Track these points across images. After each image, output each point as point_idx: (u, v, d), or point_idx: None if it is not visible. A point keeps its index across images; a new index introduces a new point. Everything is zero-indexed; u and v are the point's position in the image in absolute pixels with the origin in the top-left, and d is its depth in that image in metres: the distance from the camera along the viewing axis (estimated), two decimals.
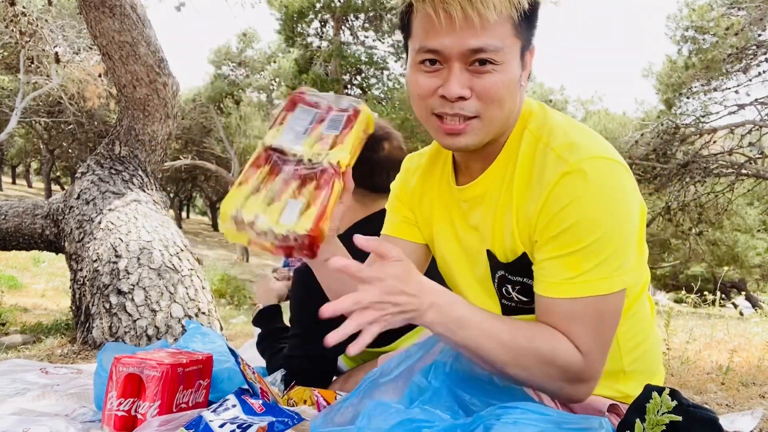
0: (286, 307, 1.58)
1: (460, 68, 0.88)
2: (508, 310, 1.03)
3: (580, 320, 0.88)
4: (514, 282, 1.00)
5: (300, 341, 1.38)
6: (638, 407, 0.79)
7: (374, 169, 1.43)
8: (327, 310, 0.82)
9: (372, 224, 1.41)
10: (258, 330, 1.64)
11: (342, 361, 1.62)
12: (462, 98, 0.88)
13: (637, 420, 0.73)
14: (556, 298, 0.89)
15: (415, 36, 0.91)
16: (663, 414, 0.70)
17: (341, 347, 1.41)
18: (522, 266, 0.97)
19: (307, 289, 1.38)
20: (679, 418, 0.71)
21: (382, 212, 1.37)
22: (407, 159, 1.25)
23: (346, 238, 1.44)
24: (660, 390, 0.78)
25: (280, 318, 1.62)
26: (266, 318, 1.60)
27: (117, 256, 3.14)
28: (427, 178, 1.16)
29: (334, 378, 1.53)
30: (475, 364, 0.91)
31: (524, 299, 1.00)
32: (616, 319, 0.91)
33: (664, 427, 0.70)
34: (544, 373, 0.87)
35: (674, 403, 0.71)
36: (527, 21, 0.90)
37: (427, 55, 0.89)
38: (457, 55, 0.87)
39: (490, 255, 1.01)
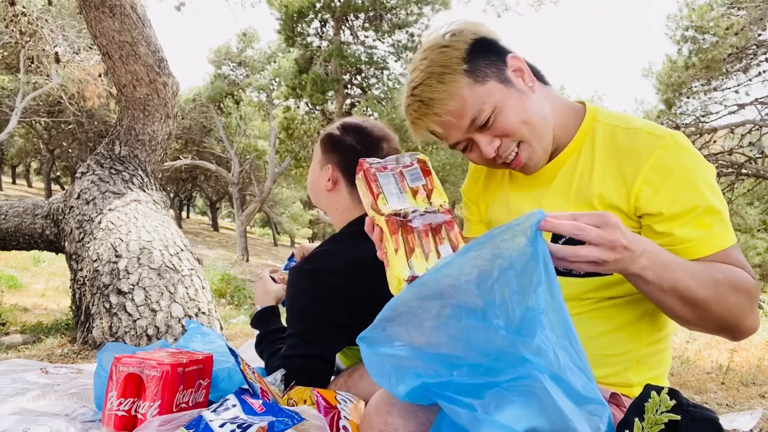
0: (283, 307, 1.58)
1: (478, 135, 1.04)
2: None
3: (736, 256, 0.95)
4: None
5: (296, 341, 1.38)
6: (638, 407, 0.79)
7: None
8: (548, 224, 0.80)
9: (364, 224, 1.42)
10: (257, 331, 1.64)
11: (339, 361, 1.62)
12: (497, 150, 1.04)
13: (636, 419, 0.73)
14: (707, 255, 0.95)
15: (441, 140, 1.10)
16: (662, 413, 0.70)
17: (338, 346, 1.42)
18: None
19: (299, 290, 1.38)
20: (678, 417, 0.71)
21: None
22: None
23: (345, 234, 1.45)
24: (659, 390, 0.78)
25: (277, 319, 1.62)
26: (264, 319, 1.61)
27: (117, 256, 3.14)
28: (492, 174, 1.26)
29: (334, 378, 1.53)
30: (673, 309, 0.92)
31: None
32: None
33: (662, 427, 0.70)
34: (739, 303, 0.91)
35: (673, 402, 0.71)
36: (481, 60, 1.02)
37: (456, 147, 1.09)
38: (465, 135, 1.04)
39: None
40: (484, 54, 1.03)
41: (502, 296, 0.73)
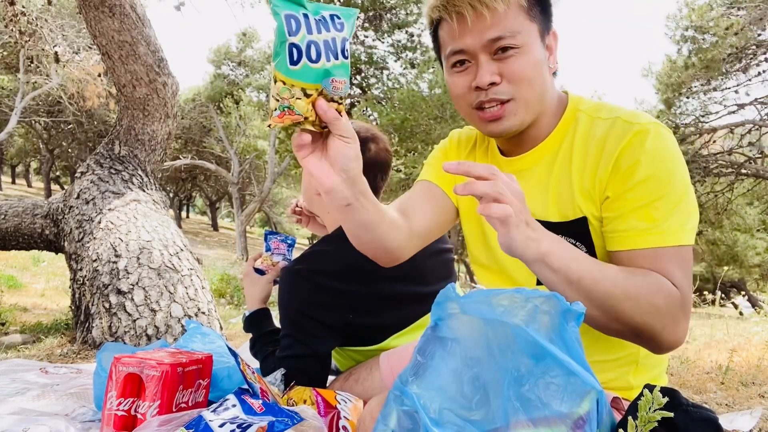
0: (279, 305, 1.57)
1: (486, 59, 0.97)
2: None
3: (667, 262, 0.90)
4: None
5: (290, 342, 1.38)
6: (637, 407, 0.79)
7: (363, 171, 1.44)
8: (450, 167, 0.82)
9: None
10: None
11: (335, 362, 1.62)
12: (493, 84, 0.97)
13: (630, 417, 0.73)
14: (637, 249, 0.91)
15: (443, 44, 1.01)
16: (655, 411, 0.70)
17: (332, 345, 1.42)
18: (577, 229, 1.01)
19: (292, 291, 1.39)
20: (671, 415, 0.71)
21: None
22: (455, 131, 1.28)
23: (338, 235, 1.45)
24: (658, 390, 0.78)
25: (269, 321, 1.62)
26: (256, 322, 1.61)
27: (117, 256, 3.14)
28: (471, 152, 1.22)
29: (334, 378, 1.53)
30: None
31: None
32: (691, 276, 0.93)
33: (655, 425, 0.70)
34: (653, 306, 0.86)
35: (665, 399, 0.71)
36: (539, 6, 0.98)
37: (455, 57, 0.99)
38: (480, 48, 0.96)
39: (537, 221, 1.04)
40: (544, 5, 1.00)
41: None
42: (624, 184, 0.93)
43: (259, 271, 1.68)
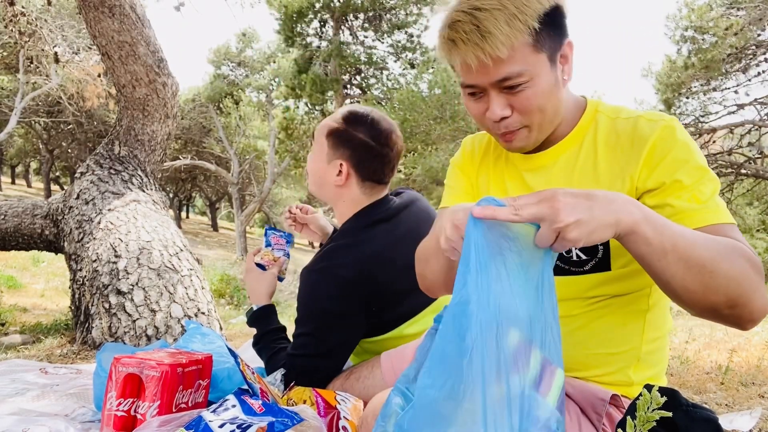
0: (280, 304, 1.58)
1: (496, 93, 1.00)
2: (557, 272, 1.05)
3: (732, 233, 0.90)
4: None
5: (307, 340, 1.38)
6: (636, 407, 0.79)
7: (386, 165, 1.46)
8: (478, 214, 0.73)
9: (370, 215, 1.46)
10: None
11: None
12: (504, 117, 1.01)
13: (628, 417, 0.73)
14: (701, 227, 0.90)
15: (457, 72, 1.03)
16: (653, 411, 0.70)
17: (353, 341, 1.42)
18: None
19: (314, 289, 1.39)
20: (670, 414, 0.71)
21: (380, 202, 1.47)
22: (467, 139, 1.29)
23: (354, 227, 1.46)
24: (658, 390, 0.78)
25: (275, 318, 1.62)
26: (261, 318, 1.60)
27: (116, 256, 3.14)
28: (483, 159, 1.23)
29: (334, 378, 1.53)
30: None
31: (583, 257, 1.03)
32: None
33: (654, 424, 0.70)
34: (746, 271, 0.83)
35: (663, 399, 0.71)
36: (549, 29, 0.97)
37: (468, 89, 1.03)
38: (489, 86, 0.99)
39: None
40: (554, 25, 0.98)
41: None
42: (667, 175, 0.95)
43: (261, 267, 1.68)
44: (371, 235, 1.42)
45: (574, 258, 1.03)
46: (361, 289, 1.37)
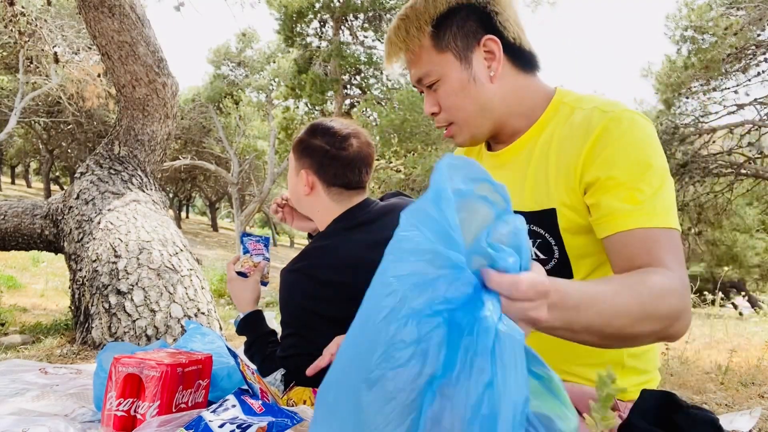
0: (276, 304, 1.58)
1: (426, 92, 1.09)
2: None
3: (661, 248, 0.86)
4: (536, 234, 1.03)
5: (293, 341, 1.38)
6: (643, 411, 0.79)
7: (346, 167, 1.44)
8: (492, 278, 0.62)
9: (349, 219, 1.43)
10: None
11: None
12: (434, 113, 1.09)
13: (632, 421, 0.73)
14: (627, 230, 0.88)
15: None
16: (657, 413, 0.70)
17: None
18: (547, 220, 1.01)
19: (293, 289, 1.39)
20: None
21: (359, 206, 1.44)
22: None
23: (332, 230, 1.45)
24: (656, 393, 0.79)
25: (264, 323, 1.62)
26: (250, 325, 1.61)
27: (116, 256, 3.14)
28: (471, 152, 1.27)
29: None
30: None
31: (542, 256, 1.03)
32: (684, 263, 0.88)
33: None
34: (669, 307, 0.80)
35: (666, 402, 0.71)
36: (451, 29, 1.02)
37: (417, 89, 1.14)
38: (418, 86, 1.10)
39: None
40: (459, 23, 1.02)
41: None
42: (603, 170, 0.92)
43: (242, 275, 1.68)
44: (348, 237, 1.42)
45: (533, 257, 1.03)
46: (338, 289, 1.36)
